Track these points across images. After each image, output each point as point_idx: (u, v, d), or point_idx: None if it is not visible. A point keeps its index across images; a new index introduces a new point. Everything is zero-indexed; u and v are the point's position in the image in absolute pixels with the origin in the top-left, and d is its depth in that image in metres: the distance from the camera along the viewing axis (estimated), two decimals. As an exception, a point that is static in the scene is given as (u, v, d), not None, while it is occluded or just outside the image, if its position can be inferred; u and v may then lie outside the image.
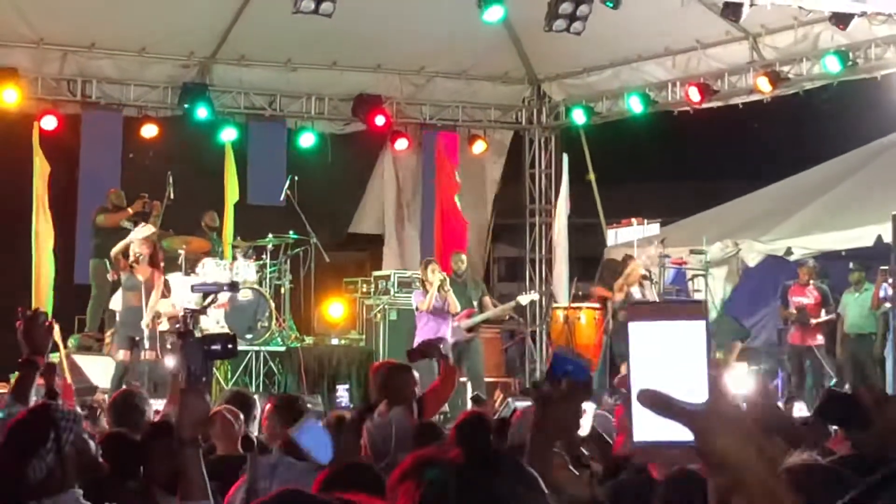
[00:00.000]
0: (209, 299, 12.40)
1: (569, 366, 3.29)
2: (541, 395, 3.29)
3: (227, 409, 7.64)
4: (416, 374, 8.59)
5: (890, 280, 16.34)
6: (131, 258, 15.26)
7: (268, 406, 7.84)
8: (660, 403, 1.88)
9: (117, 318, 15.82)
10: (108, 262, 16.55)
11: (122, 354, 15.07)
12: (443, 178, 20.27)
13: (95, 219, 17.87)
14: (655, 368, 1.90)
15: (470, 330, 16.85)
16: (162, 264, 15.66)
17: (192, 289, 11.62)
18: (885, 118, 19.38)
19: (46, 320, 5.42)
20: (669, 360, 1.90)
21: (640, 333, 1.92)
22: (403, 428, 7.84)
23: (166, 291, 16.21)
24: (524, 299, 18.21)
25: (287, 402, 7.99)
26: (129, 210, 17.88)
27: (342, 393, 16.50)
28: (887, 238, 16.17)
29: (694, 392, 1.88)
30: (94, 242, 17.68)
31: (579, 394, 3.29)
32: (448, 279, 16.70)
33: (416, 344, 16.51)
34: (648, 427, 1.90)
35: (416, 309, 16.81)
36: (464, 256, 17.85)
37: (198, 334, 4.62)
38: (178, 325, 14.67)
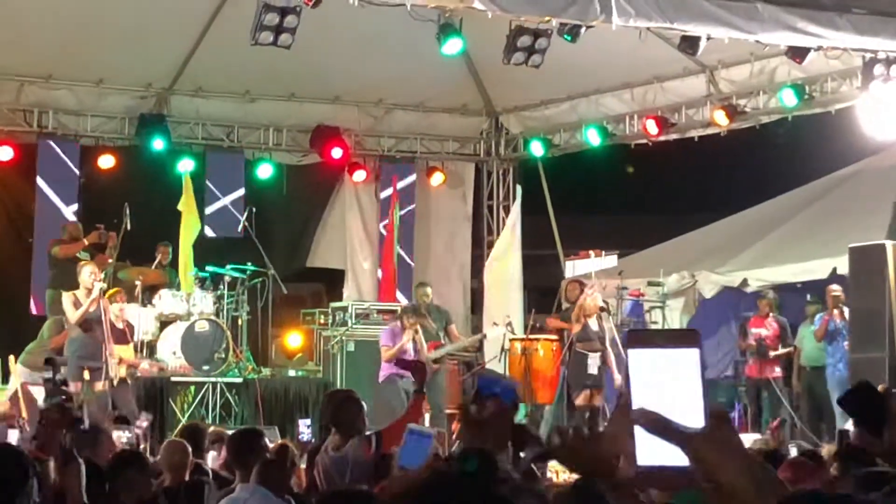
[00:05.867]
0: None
1: (496, 388, 3.32)
2: (468, 416, 3.34)
3: (176, 441, 7.61)
4: (364, 405, 8.53)
5: (845, 310, 16.41)
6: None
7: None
8: (656, 424, 1.92)
9: (66, 351, 15.49)
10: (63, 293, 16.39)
11: (73, 386, 14.91)
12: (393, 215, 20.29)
13: (51, 250, 17.74)
14: (653, 394, 1.95)
15: (436, 361, 16.76)
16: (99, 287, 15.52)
17: (46, 361, 11.65)
18: (839, 151, 19.52)
19: None
20: (666, 386, 1.94)
21: (639, 360, 1.97)
22: (360, 461, 7.80)
23: (130, 335, 15.99)
24: (492, 332, 18.16)
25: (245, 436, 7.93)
26: (86, 241, 17.78)
27: (303, 428, 16.23)
28: (842, 270, 16.27)
29: (689, 417, 1.93)
30: (50, 273, 17.53)
31: (507, 413, 3.33)
32: (419, 326, 16.60)
33: (381, 376, 16.46)
34: (650, 451, 1.94)
35: (383, 346, 16.65)
36: (429, 290, 17.81)
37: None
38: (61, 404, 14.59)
